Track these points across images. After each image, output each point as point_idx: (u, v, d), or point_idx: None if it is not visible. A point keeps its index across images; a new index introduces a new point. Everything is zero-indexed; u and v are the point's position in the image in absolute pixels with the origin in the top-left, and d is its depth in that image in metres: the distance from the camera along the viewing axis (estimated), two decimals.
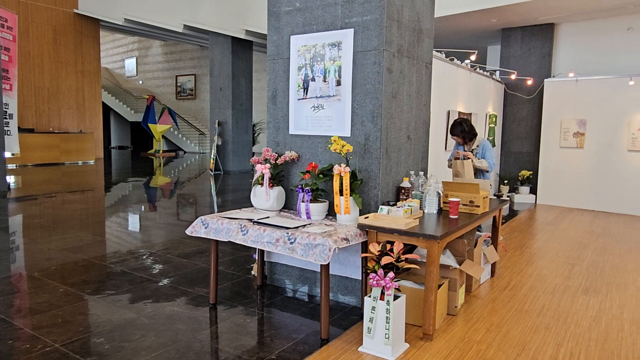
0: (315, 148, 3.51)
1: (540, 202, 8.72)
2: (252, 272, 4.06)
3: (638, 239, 5.87)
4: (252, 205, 3.66)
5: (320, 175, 3.30)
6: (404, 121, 3.54)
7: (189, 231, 3.28)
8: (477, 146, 4.78)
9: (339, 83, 3.33)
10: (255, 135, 15.40)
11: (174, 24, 12.69)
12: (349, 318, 3.17)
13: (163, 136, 20.50)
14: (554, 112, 8.54)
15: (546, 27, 8.86)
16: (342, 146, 3.08)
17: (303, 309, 3.32)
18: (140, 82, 24.38)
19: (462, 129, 4.66)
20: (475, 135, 4.73)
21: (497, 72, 9.23)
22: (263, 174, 3.44)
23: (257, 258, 3.80)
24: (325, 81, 3.39)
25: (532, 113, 9.11)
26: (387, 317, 2.55)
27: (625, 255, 5.07)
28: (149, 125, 18.20)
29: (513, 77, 8.83)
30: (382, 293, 2.57)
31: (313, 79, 3.44)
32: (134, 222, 6.49)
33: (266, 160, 3.57)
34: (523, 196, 8.85)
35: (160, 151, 19.61)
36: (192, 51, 22.00)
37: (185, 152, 21.13)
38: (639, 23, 7.97)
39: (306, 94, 3.49)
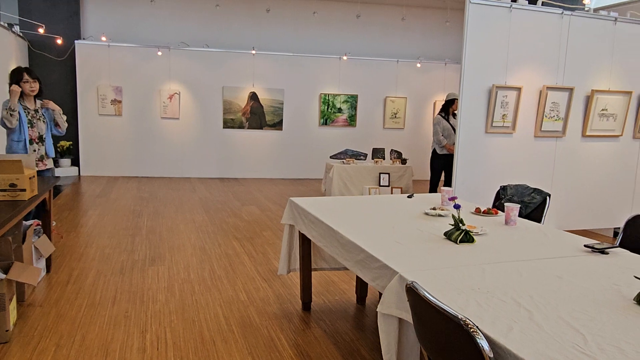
0: None
1: (84, 173, 8.18)
2: None
3: (181, 199, 6.43)
4: None
5: None
6: None
7: None
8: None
9: None
10: None
11: None
12: None
13: None
14: (89, 78, 8.05)
15: None
16: None
17: None
18: None
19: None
20: None
21: (17, 26, 7.72)
22: None
23: None
24: None
25: (66, 77, 8.22)
26: None
27: (175, 216, 5.41)
28: None
29: (41, 30, 7.59)
30: None
31: None
32: None
33: None
34: (65, 169, 8.02)
35: None
36: None
37: None
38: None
39: None
